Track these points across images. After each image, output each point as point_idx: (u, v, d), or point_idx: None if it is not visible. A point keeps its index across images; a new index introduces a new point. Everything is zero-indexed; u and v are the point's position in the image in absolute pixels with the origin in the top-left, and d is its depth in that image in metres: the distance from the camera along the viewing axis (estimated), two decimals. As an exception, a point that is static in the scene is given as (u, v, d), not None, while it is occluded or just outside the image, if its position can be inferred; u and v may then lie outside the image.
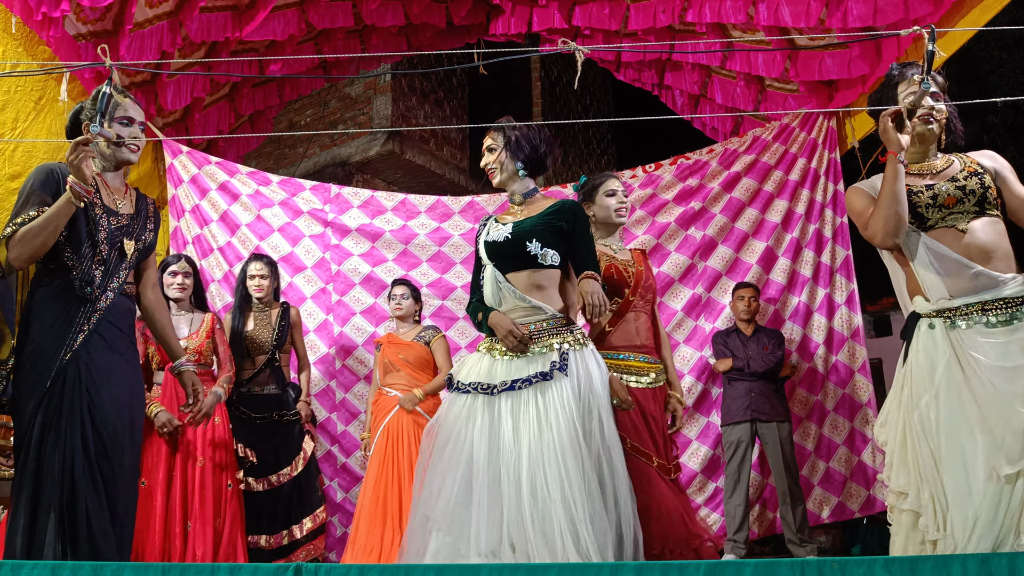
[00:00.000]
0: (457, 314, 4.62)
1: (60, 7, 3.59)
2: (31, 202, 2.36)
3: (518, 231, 2.60)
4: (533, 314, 2.57)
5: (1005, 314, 2.10)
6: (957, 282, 2.16)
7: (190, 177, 4.76)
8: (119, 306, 2.47)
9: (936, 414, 2.10)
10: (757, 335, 4.36)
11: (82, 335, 2.35)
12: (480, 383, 2.51)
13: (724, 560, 2.57)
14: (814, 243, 4.55)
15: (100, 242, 2.39)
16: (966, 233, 2.18)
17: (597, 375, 2.50)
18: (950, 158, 2.34)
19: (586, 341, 2.57)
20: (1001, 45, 8.67)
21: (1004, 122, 8.99)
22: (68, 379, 2.31)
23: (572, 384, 2.45)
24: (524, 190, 2.73)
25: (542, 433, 2.38)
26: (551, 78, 10.04)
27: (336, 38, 5.31)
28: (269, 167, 8.00)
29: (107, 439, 2.35)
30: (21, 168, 3.85)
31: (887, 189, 2.21)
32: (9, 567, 1.94)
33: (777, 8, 4.24)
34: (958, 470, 2.03)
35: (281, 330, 4.04)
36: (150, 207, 2.66)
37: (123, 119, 2.51)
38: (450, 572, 2.02)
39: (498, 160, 2.72)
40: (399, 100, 7.84)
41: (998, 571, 1.49)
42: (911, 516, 2.13)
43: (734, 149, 4.63)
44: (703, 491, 4.33)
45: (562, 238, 2.60)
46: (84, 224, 2.40)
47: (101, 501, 2.30)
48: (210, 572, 1.97)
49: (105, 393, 2.36)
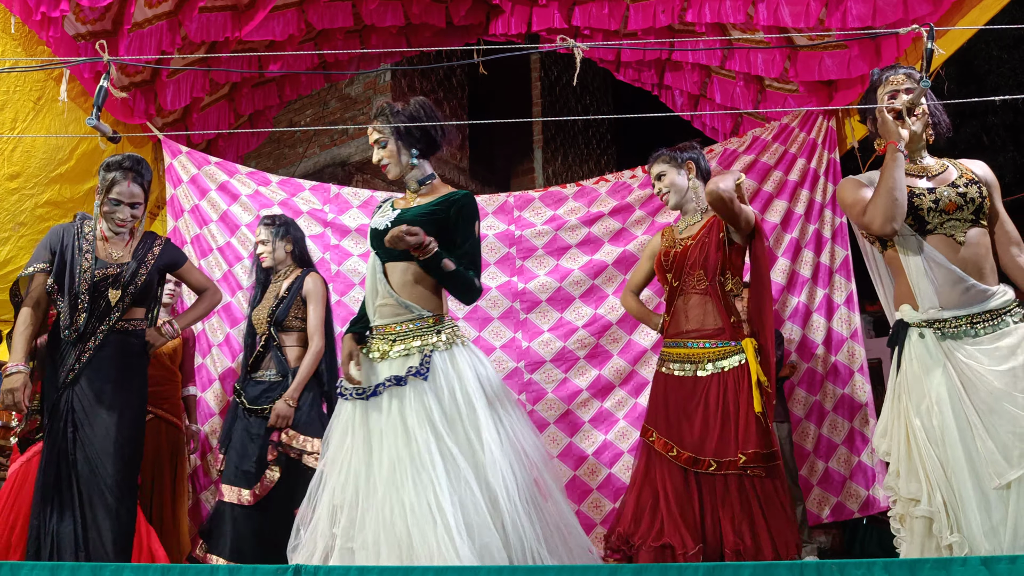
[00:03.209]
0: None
1: (59, 7, 3.59)
2: (36, 256, 2.85)
3: (400, 220, 2.50)
4: (401, 313, 2.47)
5: (991, 324, 2.16)
6: (950, 294, 2.19)
7: (189, 177, 4.75)
8: (114, 343, 2.78)
9: (939, 421, 2.11)
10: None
11: (73, 372, 2.70)
12: (355, 388, 2.47)
13: (723, 562, 2.57)
14: (813, 243, 4.55)
15: (81, 293, 2.72)
16: (963, 245, 2.20)
17: (470, 375, 2.40)
18: (944, 162, 2.35)
19: (457, 339, 2.47)
20: (1001, 45, 8.66)
21: (1004, 122, 8.98)
22: (62, 407, 2.69)
23: (433, 388, 2.35)
24: (421, 176, 2.63)
25: (397, 439, 2.31)
26: (551, 78, 10.04)
27: (336, 38, 5.31)
28: (269, 167, 8.00)
29: (92, 457, 2.66)
30: (20, 168, 3.85)
31: (888, 174, 2.22)
32: (8, 567, 1.94)
33: (777, 8, 4.24)
34: (967, 474, 2.04)
35: (281, 302, 3.45)
36: (154, 248, 2.93)
37: (113, 199, 2.81)
38: (450, 572, 2.02)
39: (390, 153, 2.59)
40: (399, 100, 7.83)
41: (997, 572, 1.49)
42: (924, 523, 2.13)
43: (733, 149, 4.63)
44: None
45: (444, 228, 2.48)
46: (68, 278, 2.74)
47: (73, 509, 2.62)
48: (210, 572, 1.98)
49: (91, 419, 2.68)
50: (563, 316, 4.49)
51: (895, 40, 3.89)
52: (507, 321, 4.51)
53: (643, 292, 3.60)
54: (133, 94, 4.54)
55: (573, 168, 10.24)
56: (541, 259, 4.56)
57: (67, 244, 2.82)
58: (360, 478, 2.35)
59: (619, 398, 4.38)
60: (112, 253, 2.86)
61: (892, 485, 2.24)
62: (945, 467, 2.09)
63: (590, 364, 4.44)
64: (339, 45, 5.32)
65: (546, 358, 4.44)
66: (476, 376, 2.42)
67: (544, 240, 4.56)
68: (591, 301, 4.50)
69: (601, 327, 4.44)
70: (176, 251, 3.04)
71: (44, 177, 3.97)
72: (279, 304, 3.45)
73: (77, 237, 2.84)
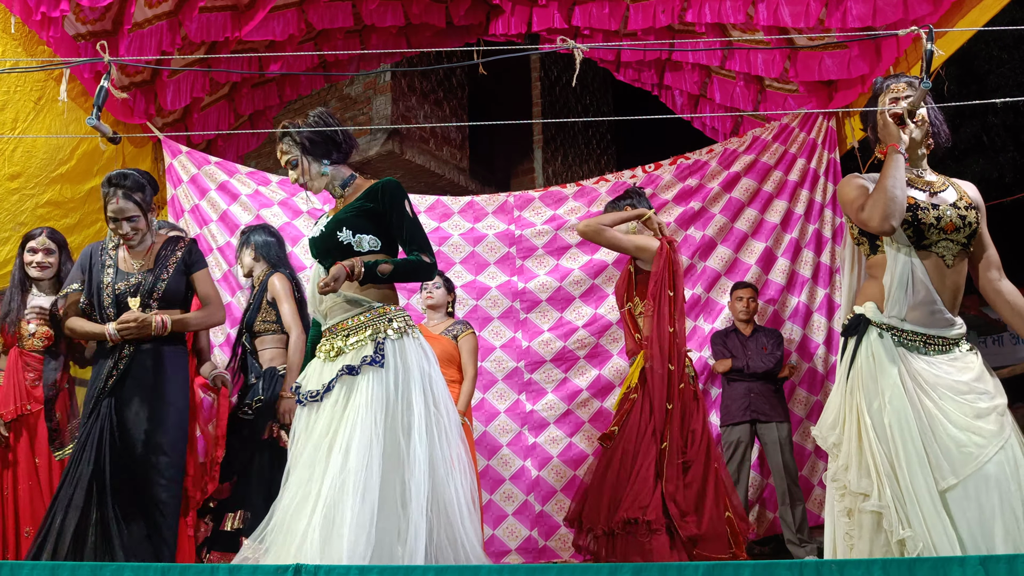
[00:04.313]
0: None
1: (59, 7, 3.59)
2: (71, 277, 3.01)
3: (331, 223, 2.52)
4: (351, 308, 2.47)
5: (941, 348, 2.24)
6: (918, 312, 2.23)
7: (189, 177, 4.76)
8: (148, 351, 2.84)
9: (890, 418, 2.16)
10: (756, 335, 4.36)
11: (112, 379, 2.80)
12: (311, 391, 2.46)
13: (723, 561, 2.58)
14: (813, 243, 4.55)
15: (106, 307, 2.86)
16: (950, 269, 2.24)
17: (416, 366, 2.40)
18: (943, 180, 2.37)
19: (408, 329, 2.46)
20: (1001, 45, 8.65)
21: (1004, 122, 8.98)
22: (101, 413, 2.77)
23: (386, 377, 2.35)
24: (341, 181, 2.63)
25: (345, 429, 2.30)
26: (551, 78, 10.04)
27: (336, 38, 5.31)
28: (269, 167, 7.99)
29: (127, 460, 2.73)
30: (21, 168, 3.85)
31: (889, 173, 2.23)
32: (9, 567, 1.94)
33: (777, 8, 4.24)
34: (918, 471, 2.10)
35: (247, 308, 3.48)
36: (177, 252, 2.97)
37: (110, 216, 2.86)
38: (450, 572, 2.02)
39: (303, 170, 2.60)
40: (399, 100, 7.84)
41: (995, 572, 1.49)
42: (873, 518, 2.15)
43: (734, 149, 4.64)
44: (702, 491, 4.32)
45: (377, 219, 2.49)
46: (95, 293, 2.89)
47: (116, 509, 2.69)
48: (210, 572, 1.98)
49: (127, 422, 2.77)
50: (563, 316, 4.49)
51: (895, 41, 3.89)
52: (507, 321, 4.51)
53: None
54: (133, 94, 4.54)
55: (573, 168, 10.24)
56: (541, 259, 4.56)
57: (94, 262, 2.95)
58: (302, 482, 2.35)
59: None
60: (134, 263, 2.93)
61: (840, 478, 2.26)
62: (894, 464, 2.13)
63: (590, 364, 4.44)
64: (339, 45, 5.32)
65: (546, 358, 4.44)
66: (420, 372, 2.41)
67: (544, 240, 4.56)
68: (591, 301, 4.50)
69: (601, 327, 4.44)
70: (196, 254, 3.03)
71: (45, 177, 3.97)
72: (247, 310, 3.51)
73: (102, 253, 2.96)
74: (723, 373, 4.36)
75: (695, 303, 4.52)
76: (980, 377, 2.21)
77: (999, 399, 2.18)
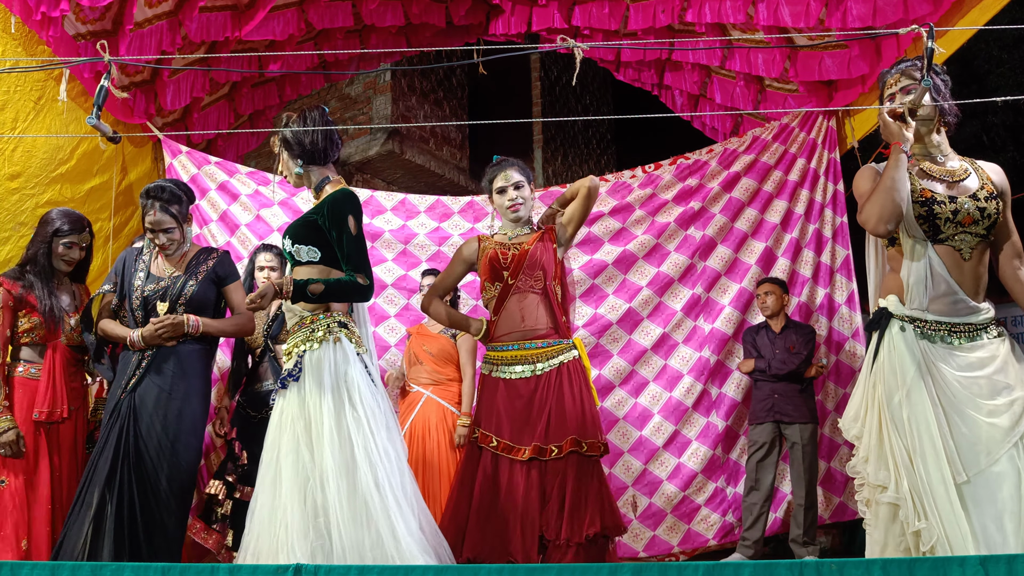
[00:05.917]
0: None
1: (59, 7, 3.59)
2: (107, 279, 3.15)
3: (287, 228, 2.60)
4: (291, 317, 2.58)
5: (967, 336, 2.23)
6: (939, 303, 2.24)
7: (189, 177, 4.75)
8: (171, 352, 2.93)
9: (909, 413, 2.18)
10: (785, 332, 4.29)
11: (135, 378, 2.90)
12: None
13: (723, 561, 2.58)
14: (814, 243, 4.55)
15: (135, 309, 2.98)
16: (967, 261, 2.24)
17: (329, 372, 2.43)
18: (966, 166, 2.35)
19: (329, 337, 2.48)
20: (1001, 45, 8.66)
21: (1004, 122, 8.98)
22: (122, 411, 2.86)
23: (300, 391, 2.44)
24: (317, 182, 2.65)
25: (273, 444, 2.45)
26: (551, 78, 10.04)
27: (336, 38, 5.31)
28: (269, 167, 7.99)
29: (145, 456, 2.82)
30: (21, 168, 3.85)
31: (887, 175, 2.24)
32: (9, 567, 1.94)
33: (777, 8, 4.24)
34: (934, 466, 2.12)
35: (275, 319, 3.81)
36: (208, 262, 3.06)
37: (148, 227, 2.99)
38: (450, 572, 2.02)
39: (283, 163, 2.66)
40: (399, 100, 7.84)
41: (995, 572, 1.49)
42: (890, 509, 2.19)
43: (734, 149, 4.63)
44: (703, 491, 4.31)
45: (319, 232, 2.52)
46: (126, 295, 3.02)
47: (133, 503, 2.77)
48: (210, 572, 1.98)
49: (146, 420, 2.85)
50: (563, 316, 4.48)
51: (895, 40, 3.89)
52: (507, 321, 4.50)
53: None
54: (133, 94, 4.54)
55: (573, 168, 10.24)
56: (541, 259, 4.55)
57: (128, 265, 3.09)
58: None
59: (619, 398, 4.38)
60: (166, 269, 3.05)
61: (860, 470, 2.29)
62: (912, 456, 2.15)
63: (590, 364, 4.44)
64: (339, 45, 5.32)
65: (546, 358, 4.44)
66: (334, 377, 2.43)
67: (544, 240, 4.56)
68: (591, 301, 4.49)
69: (601, 327, 4.44)
70: (229, 266, 3.13)
71: (45, 177, 3.97)
72: (273, 321, 3.79)
73: (136, 258, 3.10)
74: (747, 373, 4.35)
75: (695, 303, 4.51)
76: (1002, 369, 2.19)
77: (1018, 391, 2.17)
